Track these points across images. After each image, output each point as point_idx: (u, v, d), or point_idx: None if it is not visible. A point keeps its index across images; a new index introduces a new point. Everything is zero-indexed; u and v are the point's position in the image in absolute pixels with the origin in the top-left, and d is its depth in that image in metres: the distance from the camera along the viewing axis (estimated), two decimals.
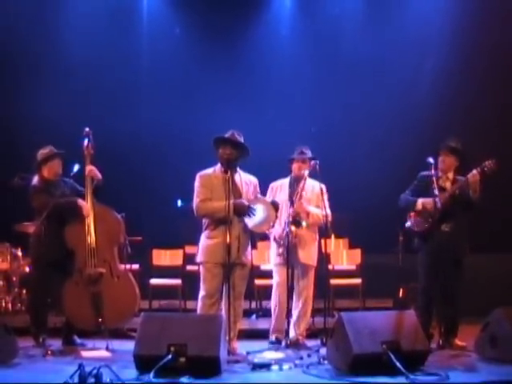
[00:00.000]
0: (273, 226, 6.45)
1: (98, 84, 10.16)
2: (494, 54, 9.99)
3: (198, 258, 6.30)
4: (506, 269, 8.51)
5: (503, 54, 10.00)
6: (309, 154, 6.68)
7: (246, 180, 6.37)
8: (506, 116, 9.96)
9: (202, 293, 6.19)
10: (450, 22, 10.16)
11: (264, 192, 6.70)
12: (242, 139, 6.30)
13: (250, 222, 6.19)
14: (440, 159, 6.50)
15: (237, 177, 6.29)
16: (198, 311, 6.19)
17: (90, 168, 6.49)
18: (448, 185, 6.46)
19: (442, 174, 6.51)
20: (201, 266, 6.27)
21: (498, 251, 8.78)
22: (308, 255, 6.62)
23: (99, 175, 6.51)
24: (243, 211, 6.13)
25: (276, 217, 6.31)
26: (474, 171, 6.26)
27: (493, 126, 9.88)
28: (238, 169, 6.34)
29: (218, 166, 6.29)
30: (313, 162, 6.58)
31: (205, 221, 6.29)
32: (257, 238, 8.34)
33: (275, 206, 6.29)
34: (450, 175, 6.51)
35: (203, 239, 6.28)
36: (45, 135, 7.54)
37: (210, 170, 6.32)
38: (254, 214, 6.13)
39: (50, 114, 9.53)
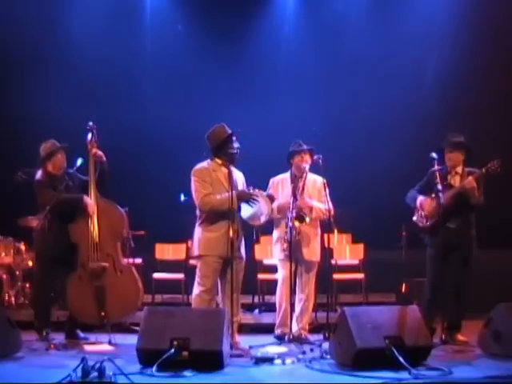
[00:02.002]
0: (267, 218, 6.31)
1: (102, 80, 10.17)
2: (498, 47, 9.98)
3: (196, 252, 6.14)
4: (509, 264, 8.50)
5: (507, 46, 9.98)
6: (305, 146, 6.63)
7: (238, 175, 6.32)
8: (510, 108, 9.96)
9: (200, 288, 6.05)
10: (453, 16, 10.14)
11: (265, 187, 6.67)
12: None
13: (245, 213, 6.14)
14: (446, 157, 6.42)
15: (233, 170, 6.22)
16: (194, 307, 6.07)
17: (94, 151, 6.45)
18: (457, 179, 6.38)
19: (450, 170, 6.44)
20: (200, 260, 6.13)
21: (501, 247, 8.77)
22: (311, 252, 6.60)
23: (104, 157, 6.47)
24: (245, 198, 6.04)
25: (271, 210, 6.25)
26: (470, 178, 6.20)
27: (497, 118, 9.87)
28: None
29: (211, 160, 6.17)
30: (316, 157, 6.55)
31: (200, 214, 6.16)
32: (259, 232, 8.37)
33: (271, 198, 6.24)
34: (459, 169, 6.42)
35: (201, 232, 6.11)
36: (49, 130, 7.52)
37: (205, 164, 6.20)
38: (254, 204, 6.06)
39: (54, 110, 9.55)
